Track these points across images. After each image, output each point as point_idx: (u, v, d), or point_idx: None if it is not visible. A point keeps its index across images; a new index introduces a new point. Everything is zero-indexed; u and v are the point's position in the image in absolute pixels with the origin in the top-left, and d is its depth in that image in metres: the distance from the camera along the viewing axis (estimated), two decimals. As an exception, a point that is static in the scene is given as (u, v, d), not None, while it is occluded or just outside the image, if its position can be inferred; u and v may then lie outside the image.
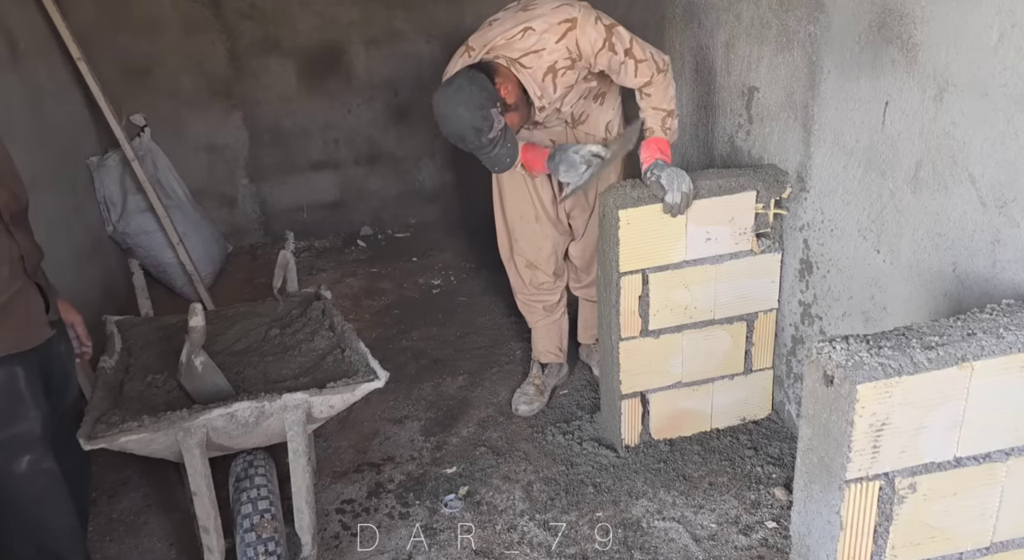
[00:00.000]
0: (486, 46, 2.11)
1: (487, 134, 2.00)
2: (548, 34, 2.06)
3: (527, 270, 2.61)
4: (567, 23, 2.05)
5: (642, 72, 2.13)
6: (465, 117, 1.98)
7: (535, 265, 2.59)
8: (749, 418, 2.53)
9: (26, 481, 1.57)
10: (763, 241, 2.30)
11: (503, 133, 2.04)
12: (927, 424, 1.28)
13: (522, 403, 2.68)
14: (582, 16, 2.05)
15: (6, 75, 2.75)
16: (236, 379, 2.12)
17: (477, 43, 2.15)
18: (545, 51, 2.06)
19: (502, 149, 2.06)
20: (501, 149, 2.06)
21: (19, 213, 1.60)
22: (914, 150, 1.74)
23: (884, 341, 1.29)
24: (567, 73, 2.11)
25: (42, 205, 2.68)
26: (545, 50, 2.06)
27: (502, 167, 2.13)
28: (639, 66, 2.12)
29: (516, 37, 2.08)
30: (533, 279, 2.62)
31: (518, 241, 2.56)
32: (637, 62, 2.11)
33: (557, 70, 2.09)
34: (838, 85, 1.96)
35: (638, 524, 2.17)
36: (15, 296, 1.54)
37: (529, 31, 2.07)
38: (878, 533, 1.35)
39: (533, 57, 2.07)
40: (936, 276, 1.73)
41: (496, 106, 2.00)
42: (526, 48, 2.07)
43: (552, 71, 2.09)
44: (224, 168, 3.96)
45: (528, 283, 2.63)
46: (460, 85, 1.99)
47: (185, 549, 2.17)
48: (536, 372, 2.77)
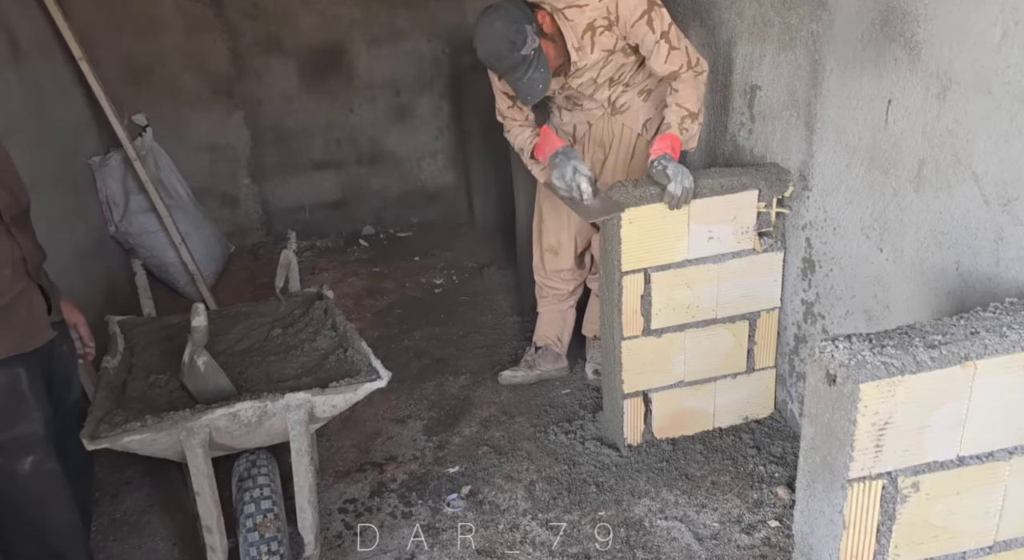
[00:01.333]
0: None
1: (520, 49, 2.06)
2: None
3: (548, 253, 2.65)
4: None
5: (672, 59, 2.17)
6: (500, 30, 2.06)
7: (555, 250, 2.63)
8: (752, 417, 2.52)
9: (29, 481, 1.57)
10: (765, 240, 2.30)
11: (536, 54, 2.10)
12: (930, 423, 1.28)
13: (506, 372, 2.78)
14: None
15: (8, 75, 2.76)
16: (238, 379, 2.12)
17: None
18: (588, 7, 2.13)
19: (535, 72, 2.11)
20: (534, 72, 2.11)
21: (20, 214, 1.60)
22: (917, 148, 1.73)
23: (887, 340, 1.29)
24: (604, 34, 2.16)
25: (44, 205, 2.68)
26: (588, 6, 2.13)
27: (535, 93, 2.16)
28: (671, 53, 2.16)
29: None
30: (552, 263, 2.66)
31: (545, 220, 2.62)
32: (671, 48, 2.16)
33: (596, 28, 2.16)
34: (841, 83, 1.96)
35: (640, 523, 2.17)
36: (17, 298, 1.55)
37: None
38: (881, 532, 1.35)
39: (576, 11, 2.14)
40: (939, 275, 1.73)
41: (532, 26, 2.08)
42: (570, 1, 2.13)
43: (591, 29, 2.16)
44: (226, 168, 3.97)
45: (547, 267, 2.67)
46: (500, 4, 2.09)
47: (188, 549, 2.18)
48: (530, 350, 2.83)
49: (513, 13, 2.08)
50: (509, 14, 2.07)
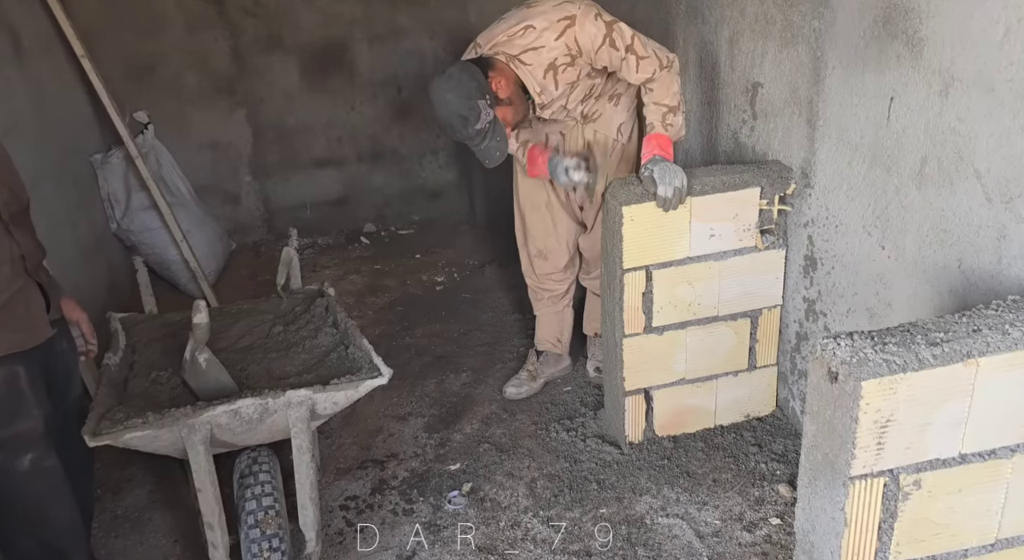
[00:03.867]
0: (490, 42, 2.16)
1: (474, 124, 2.05)
2: (548, 31, 2.08)
3: (538, 258, 2.63)
4: (566, 20, 2.07)
5: (644, 68, 2.15)
6: (453, 104, 2.03)
7: (544, 254, 2.61)
8: (753, 415, 2.52)
9: (29, 479, 1.57)
10: (767, 237, 2.29)
11: (491, 126, 2.07)
12: (932, 421, 1.28)
13: (511, 386, 2.73)
14: (581, 13, 2.07)
15: (10, 73, 2.76)
16: (240, 376, 2.12)
17: (483, 40, 2.19)
18: (545, 48, 2.09)
19: (491, 142, 2.10)
20: (490, 142, 2.10)
21: (19, 212, 1.60)
22: (919, 146, 1.73)
23: (889, 337, 1.29)
24: (567, 70, 2.13)
25: (46, 203, 2.69)
26: (545, 47, 2.09)
27: (492, 161, 2.16)
28: (640, 62, 2.13)
29: (517, 34, 2.11)
30: (542, 267, 2.64)
31: (530, 228, 2.60)
32: (639, 58, 2.13)
33: (557, 67, 2.12)
34: (843, 81, 1.96)
35: (642, 521, 2.17)
36: (16, 295, 1.54)
37: (530, 29, 2.09)
38: (883, 530, 1.35)
39: (532, 54, 2.10)
40: (941, 272, 1.73)
41: (485, 98, 2.04)
42: (526, 45, 2.10)
43: (552, 68, 2.12)
44: (227, 165, 3.97)
45: (537, 271, 2.66)
46: (452, 74, 2.05)
47: (190, 545, 2.18)
48: (532, 358, 2.80)
49: (465, 86, 2.01)
50: (461, 87, 2.01)
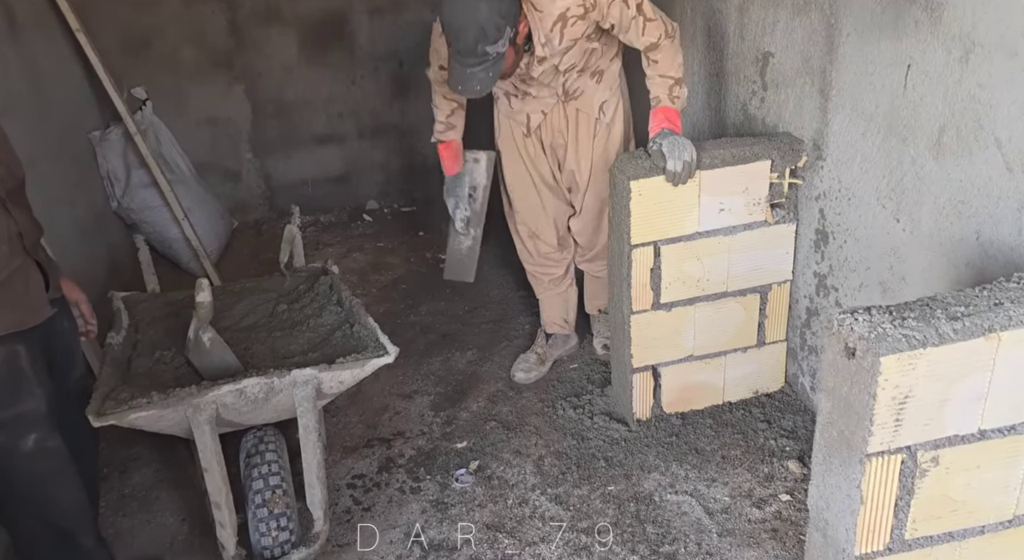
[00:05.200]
0: None
1: (488, 44, 1.88)
2: None
3: (530, 240, 2.59)
4: None
5: (650, 31, 2.10)
6: (483, 13, 1.84)
7: (537, 235, 2.57)
8: (762, 391, 2.50)
9: (33, 459, 1.55)
10: (777, 211, 2.26)
11: (496, 59, 1.93)
12: (952, 396, 1.25)
13: (520, 370, 2.69)
14: None
15: (4, 49, 2.71)
16: (244, 355, 2.10)
17: None
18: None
19: (484, 73, 1.93)
20: (483, 72, 1.93)
21: (15, 189, 1.56)
22: (937, 114, 1.68)
23: (908, 312, 1.26)
24: (576, 24, 2.06)
25: (44, 181, 2.65)
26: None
27: (468, 89, 1.98)
28: (648, 25, 2.09)
29: None
30: (537, 249, 2.60)
31: (518, 210, 2.54)
32: (647, 20, 2.08)
33: (568, 19, 2.04)
34: (857, 48, 1.90)
35: (650, 498, 2.16)
36: (14, 274, 1.52)
37: None
38: (899, 506, 1.33)
39: (547, 1, 2.01)
40: (958, 245, 1.69)
41: (511, 27, 1.92)
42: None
43: (563, 19, 2.04)
44: (227, 142, 3.91)
45: (533, 253, 2.61)
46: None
47: (198, 524, 2.17)
48: (540, 341, 2.77)
49: (506, 5, 1.88)
50: (503, 4, 1.87)
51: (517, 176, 2.48)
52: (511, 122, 2.41)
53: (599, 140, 2.38)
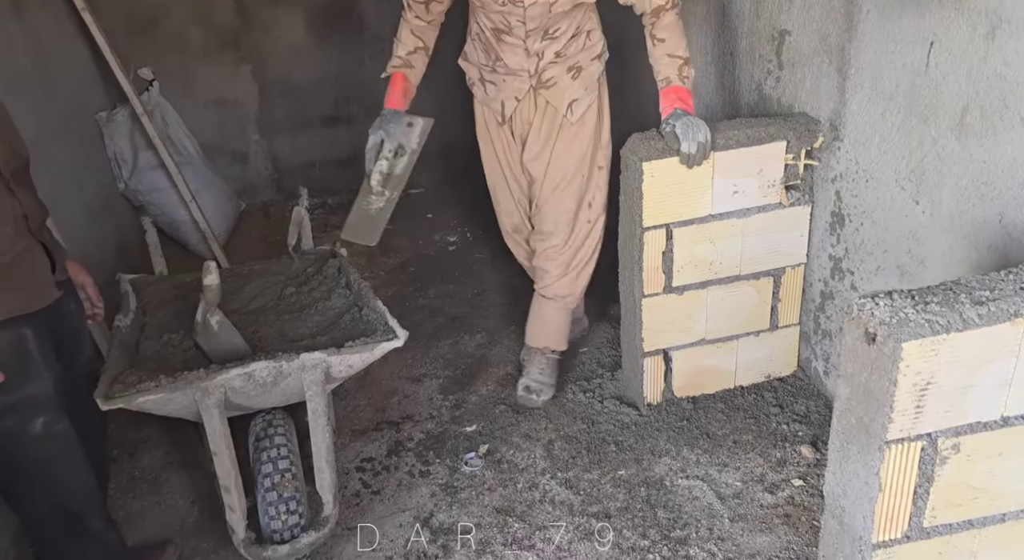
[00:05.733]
0: None
1: None
2: None
3: (515, 235, 2.56)
4: None
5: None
6: None
7: (518, 228, 2.53)
8: (774, 375, 2.48)
9: (41, 443, 1.55)
10: (792, 193, 2.22)
11: None
12: (975, 383, 1.22)
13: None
14: None
15: (10, 27, 2.67)
16: (253, 338, 2.09)
17: None
18: None
19: None
20: None
21: (20, 170, 1.54)
22: (960, 93, 1.64)
23: (931, 296, 1.22)
24: None
25: (51, 162, 2.63)
26: None
27: None
28: None
29: None
30: (519, 244, 2.57)
31: (498, 200, 2.52)
32: None
33: None
34: (878, 25, 1.85)
35: (661, 482, 2.15)
36: (19, 256, 1.50)
37: None
38: (918, 494, 1.31)
39: None
40: (980, 227, 1.65)
41: None
42: None
43: None
44: (235, 123, 3.88)
45: (520, 247, 2.58)
46: None
47: (207, 506, 2.18)
48: None
49: None
50: None
51: (491, 168, 2.47)
52: (486, 110, 2.38)
53: (563, 138, 2.29)
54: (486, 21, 2.18)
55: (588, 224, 2.40)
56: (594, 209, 2.40)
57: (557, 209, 2.36)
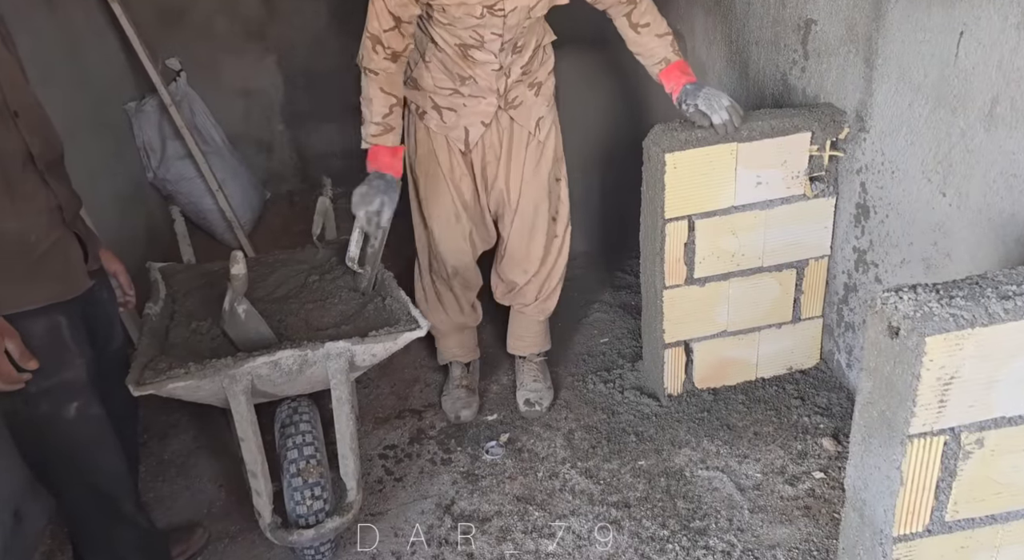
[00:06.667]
0: None
1: None
2: None
3: (454, 279, 2.35)
4: None
5: None
6: None
7: (459, 272, 2.33)
8: (796, 367, 2.47)
9: (75, 427, 1.59)
10: (817, 185, 2.20)
11: None
12: (1000, 378, 1.21)
13: (463, 409, 2.43)
14: None
15: (41, 20, 2.72)
16: (278, 326, 2.12)
17: None
18: None
19: None
20: None
21: (54, 161, 1.57)
22: (991, 84, 1.61)
23: (956, 290, 1.22)
24: None
25: (83, 152, 2.68)
26: None
27: None
28: None
29: None
30: (460, 292, 2.38)
31: (438, 246, 2.29)
32: None
33: None
34: (906, 15, 1.83)
35: (681, 473, 2.15)
36: (54, 246, 1.53)
37: None
38: (940, 488, 1.31)
39: None
40: (1008, 221, 1.63)
41: None
42: None
43: None
44: (260, 113, 3.92)
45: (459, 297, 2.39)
46: None
47: (234, 490, 2.22)
48: (458, 372, 2.52)
49: None
50: None
51: (441, 204, 2.24)
52: (441, 140, 2.16)
53: (531, 157, 2.20)
54: (450, 38, 1.98)
55: (556, 238, 2.34)
56: (559, 222, 2.32)
57: (535, 246, 2.31)
